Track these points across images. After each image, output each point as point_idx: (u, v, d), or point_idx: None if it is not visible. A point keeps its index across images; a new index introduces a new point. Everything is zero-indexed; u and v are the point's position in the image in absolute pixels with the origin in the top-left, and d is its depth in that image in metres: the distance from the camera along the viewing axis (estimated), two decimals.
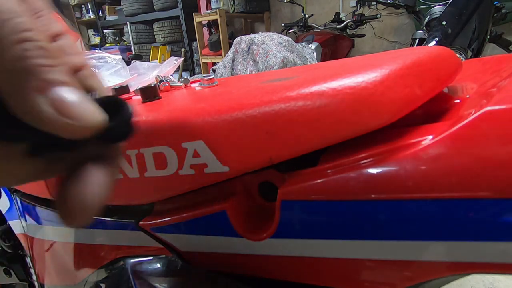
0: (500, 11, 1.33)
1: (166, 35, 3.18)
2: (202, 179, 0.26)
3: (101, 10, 3.88)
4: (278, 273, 0.28)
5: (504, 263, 0.19)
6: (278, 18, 2.88)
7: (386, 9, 2.15)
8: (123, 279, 0.35)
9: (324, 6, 2.58)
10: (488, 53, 1.46)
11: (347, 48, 2.04)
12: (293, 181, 0.25)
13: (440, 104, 0.30)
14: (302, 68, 0.41)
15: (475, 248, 0.19)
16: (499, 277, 0.86)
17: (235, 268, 0.30)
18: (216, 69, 1.37)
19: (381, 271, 0.23)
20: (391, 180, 0.21)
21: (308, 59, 1.27)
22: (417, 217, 0.20)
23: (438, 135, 0.21)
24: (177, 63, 0.71)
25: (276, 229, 0.26)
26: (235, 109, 0.24)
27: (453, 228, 0.20)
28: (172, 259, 0.33)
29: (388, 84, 0.22)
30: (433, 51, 0.28)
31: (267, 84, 0.29)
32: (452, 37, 1.23)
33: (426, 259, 0.21)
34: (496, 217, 0.18)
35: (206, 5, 2.83)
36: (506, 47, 1.44)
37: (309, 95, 0.22)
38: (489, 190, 0.18)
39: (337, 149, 0.25)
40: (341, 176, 0.22)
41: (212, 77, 0.40)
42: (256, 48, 1.20)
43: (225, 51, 2.51)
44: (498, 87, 0.23)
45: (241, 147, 0.24)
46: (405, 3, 1.50)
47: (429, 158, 0.20)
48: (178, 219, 0.30)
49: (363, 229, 0.22)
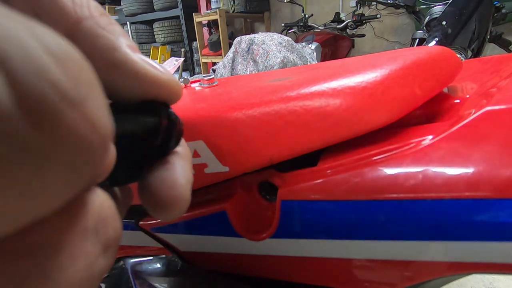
0: (500, 11, 1.33)
1: (166, 35, 3.18)
2: (202, 179, 0.26)
3: None
4: (278, 273, 0.28)
5: (504, 263, 0.19)
6: (278, 18, 2.88)
7: (386, 9, 2.15)
8: (123, 279, 0.35)
9: (324, 6, 2.58)
10: (488, 53, 1.46)
11: (347, 48, 2.04)
12: (293, 181, 0.25)
13: (440, 104, 0.30)
14: (302, 68, 0.41)
15: (475, 248, 0.19)
16: (499, 277, 0.86)
17: (235, 268, 0.30)
18: (216, 69, 1.37)
19: (381, 271, 0.23)
20: (391, 180, 0.21)
21: (308, 59, 1.27)
22: (417, 217, 0.20)
23: (438, 135, 0.21)
24: (177, 63, 0.71)
25: (276, 229, 0.26)
26: (235, 109, 0.24)
27: (453, 228, 0.20)
28: (172, 259, 0.33)
29: (388, 84, 0.22)
30: (433, 51, 0.28)
31: (267, 84, 0.29)
32: (452, 37, 1.23)
33: (426, 259, 0.21)
34: (496, 217, 0.18)
35: (206, 5, 2.83)
36: (506, 47, 1.44)
37: (309, 95, 0.22)
38: (489, 190, 0.18)
39: (337, 149, 0.25)
40: (341, 176, 0.22)
41: (212, 77, 0.40)
42: (256, 48, 1.20)
43: (225, 51, 2.51)
44: (498, 87, 0.23)
45: (241, 147, 0.24)
46: (405, 3, 1.50)
47: (429, 158, 0.20)
48: (178, 219, 0.30)
49: (363, 229, 0.22)
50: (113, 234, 0.09)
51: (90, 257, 0.08)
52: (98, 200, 0.09)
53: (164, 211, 0.12)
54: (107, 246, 0.09)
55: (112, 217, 0.09)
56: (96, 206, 0.09)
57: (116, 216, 0.10)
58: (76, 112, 0.06)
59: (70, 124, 0.06)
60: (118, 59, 0.12)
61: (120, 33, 0.12)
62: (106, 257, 0.09)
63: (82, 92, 0.07)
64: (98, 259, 0.09)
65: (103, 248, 0.09)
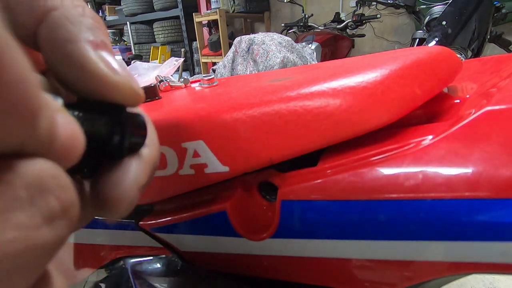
0: (500, 11, 1.33)
1: (166, 35, 3.18)
2: (202, 179, 0.26)
3: (101, 10, 3.87)
4: (278, 273, 0.28)
5: (504, 263, 0.19)
6: (278, 18, 2.88)
7: (386, 9, 2.15)
8: (123, 279, 0.35)
9: (324, 6, 2.58)
10: (488, 53, 1.46)
11: (347, 48, 2.04)
12: (293, 181, 0.25)
13: (440, 104, 0.30)
14: (302, 68, 0.41)
15: (475, 248, 0.19)
16: (499, 277, 0.86)
17: (235, 268, 0.30)
18: (216, 69, 1.37)
19: (381, 271, 0.23)
20: (391, 180, 0.21)
21: (308, 59, 1.27)
22: (417, 217, 0.20)
23: (438, 135, 0.21)
24: (177, 63, 0.71)
25: (276, 229, 0.26)
26: (235, 109, 0.24)
27: (453, 228, 0.20)
28: (172, 259, 0.33)
29: (388, 84, 0.22)
30: (433, 51, 0.28)
31: (267, 84, 0.29)
32: (452, 37, 1.23)
33: (426, 259, 0.21)
34: (496, 217, 0.18)
35: (206, 5, 2.83)
36: (506, 47, 1.44)
37: (309, 95, 0.22)
38: (489, 190, 0.18)
39: (337, 149, 0.25)
40: (341, 176, 0.22)
41: (212, 77, 0.40)
42: (256, 48, 1.20)
43: (225, 51, 2.51)
44: (498, 87, 0.23)
45: (241, 147, 0.24)
46: (405, 3, 1.50)
47: (429, 158, 0.20)
48: (178, 219, 0.30)
49: (363, 229, 0.22)
50: (59, 205, 0.09)
51: (26, 228, 0.08)
52: (33, 168, 0.09)
53: (104, 210, 0.12)
54: (51, 217, 0.09)
55: (57, 187, 0.09)
56: (30, 175, 0.08)
57: (63, 186, 0.09)
58: None
59: None
60: (70, 52, 0.11)
61: (88, 27, 0.12)
62: (53, 229, 0.09)
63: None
64: (39, 231, 0.08)
65: (45, 219, 0.09)
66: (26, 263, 0.08)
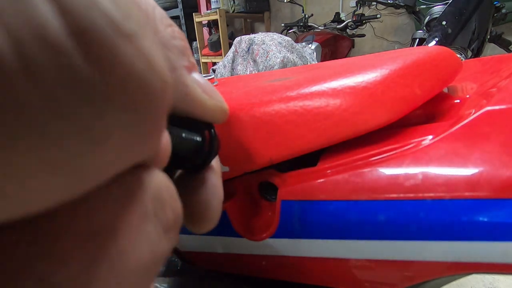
0: (500, 11, 1.33)
1: None
2: None
3: None
4: (278, 273, 0.28)
5: (504, 263, 0.19)
6: (278, 18, 2.88)
7: (386, 9, 2.15)
8: None
9: (324, 6, 2.58)
10: (488, 53, 1.46)
11: (347, 48, 2.04)
12: (293, 181, 0.25)
13: (440, 104, 0.30)
14: (302, 68, 0.41)
15: (475, 248, 0.19)
16: (499, 277, 0.86)
17: (235, 268, 0.30)
18: (216, 69, 1.37)
19: (381, 271, 0.23)
20: (391, 180, 0.21)
21: (308, 59, 1.27)
22: (417, 217, 0.20)
23: (438, 135, 0.21)
24: None
25: (276, 229, 0.26)
26: (235, 109, 0.24)
27: (453, 228, 0.20)
28: (172, 259, 0.33)
29: (388, 84, 0.22)
30: (433, 51, 0.28)
31: (267, 84, 0.29)
32: (452, 37, 1.23)
33: (426, 259, 0.21)
34: (496, 217, 0.18)
35: (206, 5, 2.83)
36: (506, 47, 1.44)
37: (309, 95, 0.22)
38: (489, 190, 0.18)
39: (337, 149, 0.25)
40: (341, 176, 0.22)
41: (212, 77, 0.40)
42: (256, 48, 1.20)
43: (225, 51, 2.51)
44: (498, 87, 0.23)
45: (241, 146, 0.24)
46: (405, 3, 1.50)
47: (429, 158, 0.20)
48: None
49: (363, 229, 0.22)
50: (173, 216, 0.09)
51: (153, 240, 0.08)
52: (155, 180, 0.09)
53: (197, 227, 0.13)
54: (168, 228, 0.09)
55: (171, 199, 0.09)
56: (154, 187, 0.09)
57: (175, 197, 0.10)
58: (130, 45, 0.06)
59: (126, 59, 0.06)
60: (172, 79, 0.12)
61: (180, 50, 0.12)
62: (169, 240, 0.09)
63: (134, 27, 0.06)
64: (161, 242, 0.08)
65: (164, 230, 0.09)
66: (150, 273, 0.08)
